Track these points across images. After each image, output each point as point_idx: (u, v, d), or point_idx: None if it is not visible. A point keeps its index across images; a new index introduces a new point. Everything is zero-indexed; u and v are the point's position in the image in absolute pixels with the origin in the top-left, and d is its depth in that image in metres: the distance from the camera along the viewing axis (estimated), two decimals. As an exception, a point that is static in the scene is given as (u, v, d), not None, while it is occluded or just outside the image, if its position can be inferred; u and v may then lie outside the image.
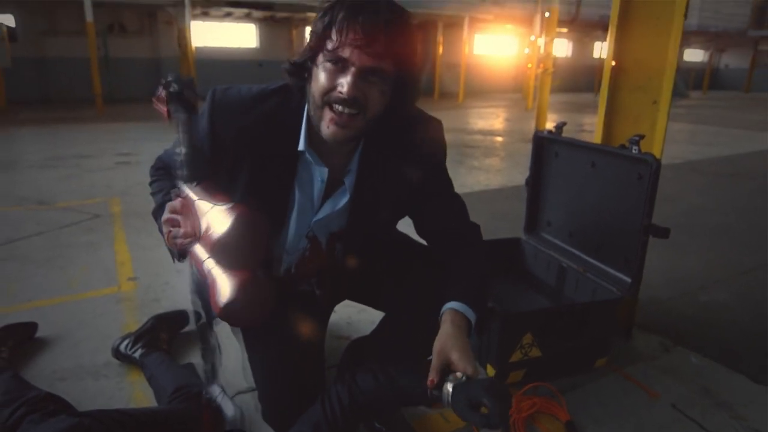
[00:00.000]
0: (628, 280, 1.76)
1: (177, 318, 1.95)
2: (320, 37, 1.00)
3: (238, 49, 15.63)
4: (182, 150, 1.03)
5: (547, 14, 7.12)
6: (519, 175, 4.99)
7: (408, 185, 1.22)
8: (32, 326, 1.90)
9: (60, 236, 3.05)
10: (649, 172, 1.63)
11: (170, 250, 1.12)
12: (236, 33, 15.62)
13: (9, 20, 12.37)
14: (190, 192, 1.02)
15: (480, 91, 19.08)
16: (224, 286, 0.93)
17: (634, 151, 1.69)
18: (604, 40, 2.16)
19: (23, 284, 2.39)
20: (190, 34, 11.06)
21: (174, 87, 1.00)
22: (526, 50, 14.81)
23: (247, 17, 14.93)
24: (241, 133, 1.12)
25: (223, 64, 15.14)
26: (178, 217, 1.01)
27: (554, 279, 2.09)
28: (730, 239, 3.31)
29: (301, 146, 1.12)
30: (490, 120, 10.20)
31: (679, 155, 6.29)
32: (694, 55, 26.09)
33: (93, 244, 2.94)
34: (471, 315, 1.12)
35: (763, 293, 2.50)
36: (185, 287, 1.65)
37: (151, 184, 1.27)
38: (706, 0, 19.14)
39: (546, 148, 2.18)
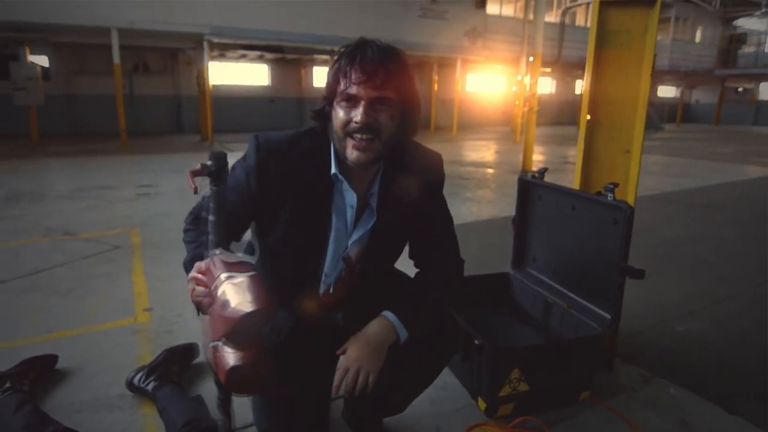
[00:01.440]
0: (608, 316, 1.74)
1: (188, 350, 1.92)
2: (332, 85, 1.12)
3: (252, 86, 15.80)
4: (211, 217, 1.06)
5: (531, 59, 7.19)
6: (508, 206, 4.99)
7: (417, 207, 1.29)
8: (53, 358, 1.87)
9: (82, 267, 3.04)
10: (624, 218, 1.62)
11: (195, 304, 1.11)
12: (250, 72, 15.82)
13: (43, 61, 12.54)
14: (215, 257, 1.02)
15: (472, 124, 19.23)
16: (229, 357, 0.90)
17: (609, 198, 1.68)
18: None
19: (45, 315, 2.37)
20: (208, 74, 11.19)
21: (210, 163, 1.04)
22: (514, 88, 14.95)
23: (260, 58, 15.13)
24: (285, 170, 1.18)
25: (238, 101, 15.30)
26: (203, 278, 1.02)
27: (540, 313, 2.07)
28: (705, 269, 3.28)
29: (333, 169, 1.19)
30: (482, 152, 10.25)
31: (656, 187, 6.30)
32: (668, 91, 26.35)
33: (112, 274, 2.92)
34: (402, 332, 1.20)
35: (735, 323, 2.47)
36: (196, 320, 1.63)
37: (185, 232, 1.27)
38: (676, 43, 19.43)
39: (530, 191, 2.18)
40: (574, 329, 1.85)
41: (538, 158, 9.16)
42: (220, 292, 0.90)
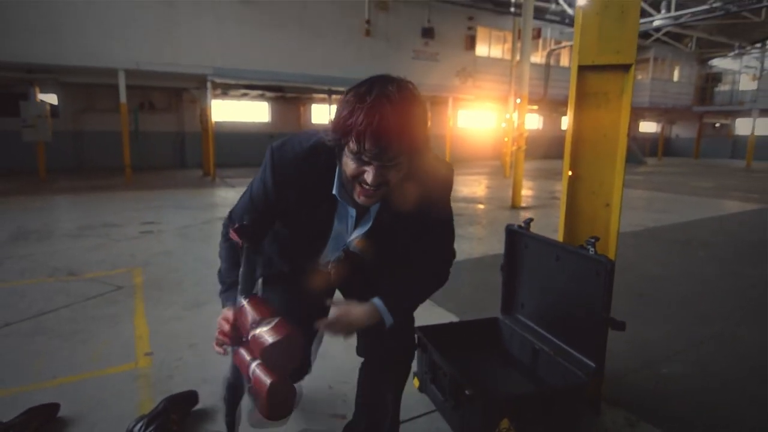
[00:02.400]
0: (593, 365, 1.76)
1: (188, 398, 1.92)
2: (343, 128, 1.08)
3: (253, 123, 16.00)
4: (242, 270, 1.21)
5: (518, 100, 7.36)
6: (498, 243, 5.03)
7: (416, 215, 1.31)
8: (54, 407, 1.86)
9: (86, 308, 3.03)
10: (605, 271, 1.66)
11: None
12: (251, 109, 16.05)
13: (52, 99, 12.69)
14: (243, 303, 1.16)
15: (464, 158, 19.45)
16: (265, 379, 1.08)
17: (591, 252, 1.72)
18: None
19: (49, 359, 2.36)
20: (210, 112, 11.35)
21: (246, 223, 1.23)
22: (503, 125, 15.19)
23: (261, 96, 15.37)
24: (297, 184, 1.27)
25: (239, 136, 15.46)
26: (227, 327, 1.19)
27: (528, 358, 2.08)
28: (686, 308, 3.31)
29: (334, 191, 1.26)
30: (473, 187, 10.35)
31: (639, 222, 6.37)
32: (649, 126, 26.84)
33: (115, 316, 2.91)
34: (388, 319, 1.32)
35: (717, 365, 2.48)
36: (196, 363, 1.60)
37: (222, 241, 1.43)
38: (655, 82, 19.90)
39: (517, 240, 2.22)
40: (561, 376, 1.87)
41: (527, 193, 9.27)
42: (261, 330, 1.09)
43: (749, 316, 3.18)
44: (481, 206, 7.71)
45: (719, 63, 24.65)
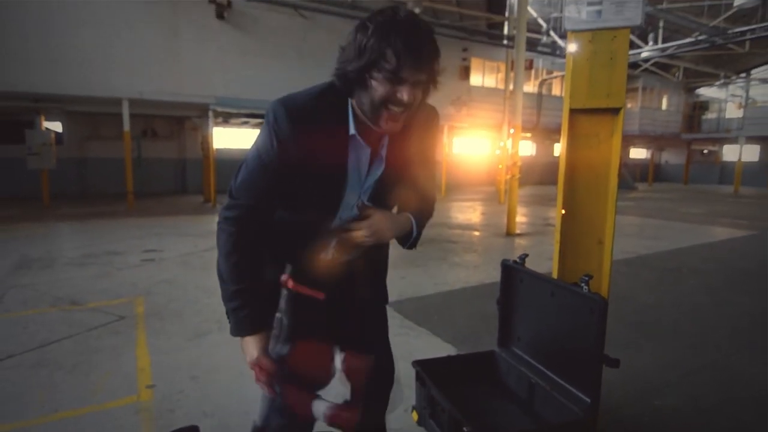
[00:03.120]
0: (588, 400, 1.77)
1: (189, 434, 1.91)
2: (376, 57, 1.09)
3: (253, 149, 16.12)
4: (278, 315, 1.23)
5: (512, 131, 7.48)
6: (493, 271, 5.05)
7: (416, 153, 1.37)
8: (57, 443, 1.85)
9: (88, 339, 3.02)
10: (598, 310, 1.68)
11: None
12: (251, 136, 16.19)
13: (57, 126, 12.83)
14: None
15: (460, 184, 19.60)
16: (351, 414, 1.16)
17: (584, 290, 1.75)
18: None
19: (51, 392, 2.35)
20: (212, 140, 11.45)
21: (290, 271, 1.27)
22: (497, 151, 15.37)
23: (261, 124, 15.52)
24: (310, 130, 1.19)
25: (239, 162, 15.52)
26: (268, 367, 1.19)
27: (525, 392, 2.08)
28: (678, 338, 3.32)
29: (351, 131, 1.22)
30: (469, 214, 10.41)
31: (632, 249, 6.41)
32: (639, 153, 27.18)
33: (117, 348, 2.91)
34: (415, 230, 1.38)
35: (709, 398, 2.48)
36: (198, 396, 1.58)
37: (222, 232, 1.26)
38: (644, 110, 20.24)
39: (513, 275, 2.24)
40: (556, 411, 1.87)
41: (521, 220, 9.33)
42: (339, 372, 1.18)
43: (740, 346, 3.19)
44: (477, 233, 7.75)
45: (706, 92, 25.14)
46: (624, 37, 1.89)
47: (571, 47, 1.94)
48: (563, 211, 1.99)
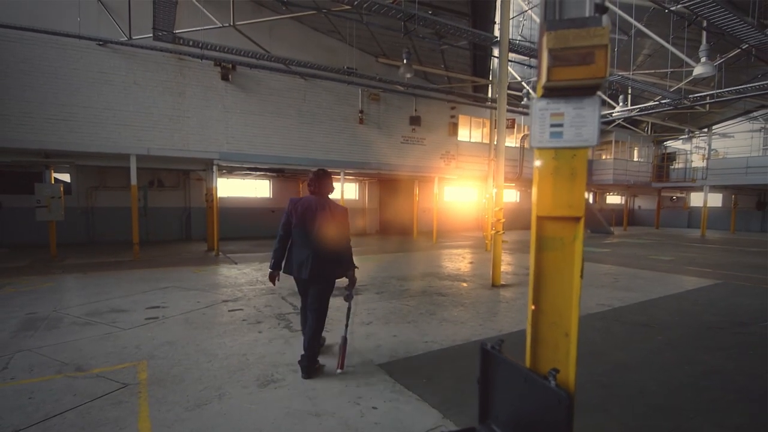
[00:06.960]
0: (560, 488, 1.81)
1: None
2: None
3: (255, 198, 16.30)
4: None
5: (494, 190, 7.66)
6: (480, 327, 5.09)
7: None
8: None
9: (91, 411, 3.01)
10: (564, 405, 1.75)
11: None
12: (254, 186, 16.39)
13: (65, 177, 12.93)
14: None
15: (449, 230, 19.79)
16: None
17: (552, 384, 1.82)
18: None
19: (56, 472, 2.34)
20: (216, 192, 11.59)
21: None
22: (484, 200, 15.62)
23: (263, 175, 15.76)
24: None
25: (242, 211, 15.69)
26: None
27: (503, 474, 2.12)
28: (645, 400, 3.35)
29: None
30: (457, 263, 10.48)
31: (605, 301, 6.46)
32: (615, 199, 27.68)
33: (119, 420, 2.90)
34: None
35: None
36: None
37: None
38: (617, 161, 20.77)
39: (491, 359, 2.31)
40: (532, 497, 1.90)
41: (506, 269, 9.42)
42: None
43: (701, 409, 3.23)
44: (465, 284, 7.81)
45: (673, 144, 25.95)
46: (582, 155, 2.04)
47: (537, 162, 2.09)
48: (533, 307, 2.09)
